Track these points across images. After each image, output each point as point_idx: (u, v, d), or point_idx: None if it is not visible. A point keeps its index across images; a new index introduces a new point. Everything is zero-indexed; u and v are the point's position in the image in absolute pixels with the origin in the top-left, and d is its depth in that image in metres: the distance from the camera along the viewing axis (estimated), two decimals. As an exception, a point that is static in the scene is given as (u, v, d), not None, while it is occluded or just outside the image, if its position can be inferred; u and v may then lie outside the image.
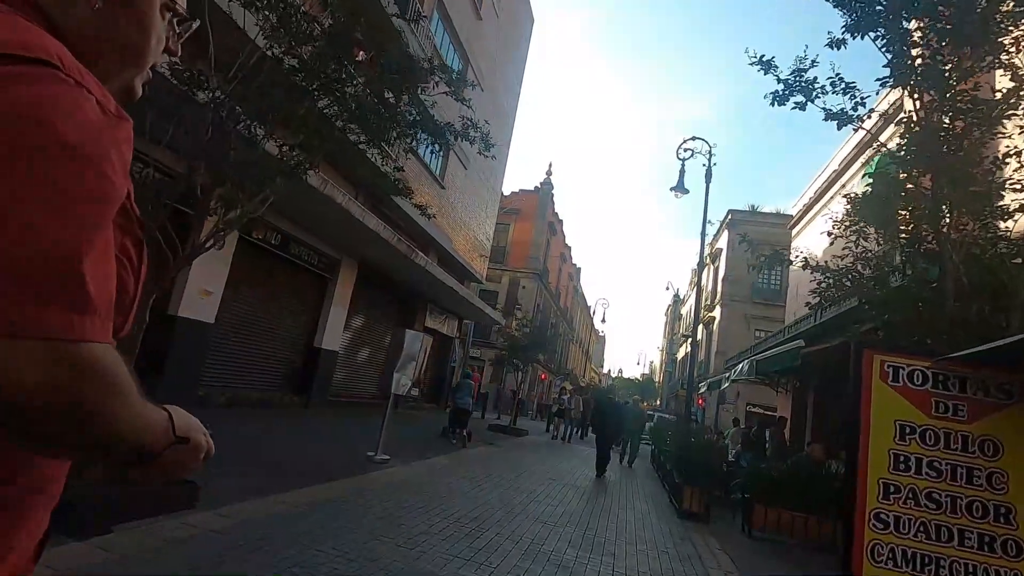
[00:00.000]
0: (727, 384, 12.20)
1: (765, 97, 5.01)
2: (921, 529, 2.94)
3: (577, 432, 19.82)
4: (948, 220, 4.20)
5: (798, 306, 17.46)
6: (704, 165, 15.09)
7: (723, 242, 33.29)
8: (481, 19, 18.04)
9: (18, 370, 0.47)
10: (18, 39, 0.53)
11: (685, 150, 15.30)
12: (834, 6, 4.62)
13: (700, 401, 31.97)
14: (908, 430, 3.07)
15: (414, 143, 5.72)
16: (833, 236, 6.75)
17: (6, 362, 0.47)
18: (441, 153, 16.28)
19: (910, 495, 3.00)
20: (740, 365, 10.29)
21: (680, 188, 15.31)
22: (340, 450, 7.74)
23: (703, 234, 15.10)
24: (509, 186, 35.06)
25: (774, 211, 32.68)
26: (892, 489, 3.03)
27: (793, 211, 19.12)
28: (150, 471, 0.64)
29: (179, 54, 0.79)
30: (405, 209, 13.61)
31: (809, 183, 18.12)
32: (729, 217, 32.33)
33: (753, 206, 32.96)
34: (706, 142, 15.23)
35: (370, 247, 12.07)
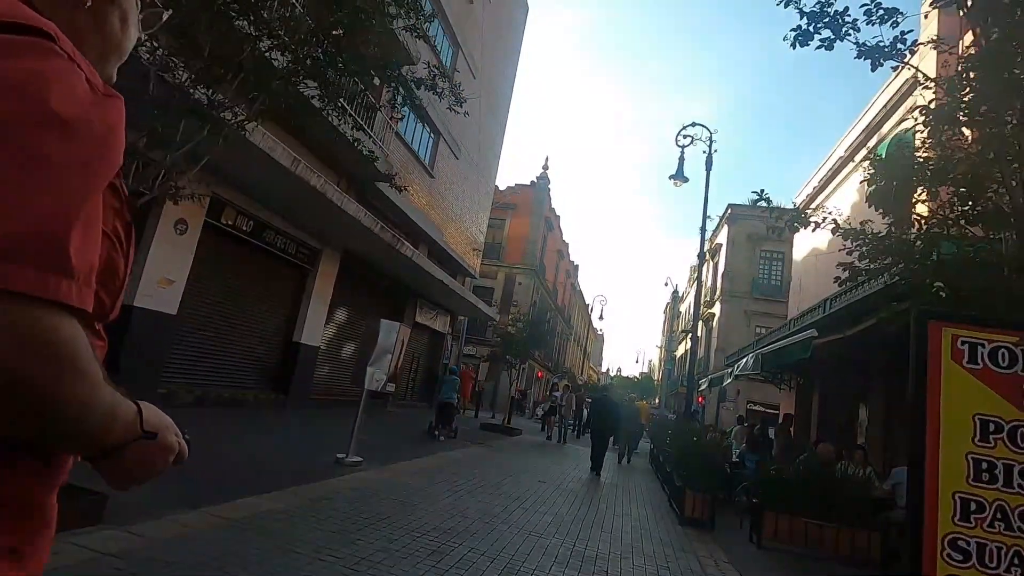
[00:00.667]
0: (729, 380, 11.56)
1: (785, 38, 4.30)
2: (1015, 562, 2.24)
3: (572, 431, 19.15)
4: (1018, 166, 3.53)
5: (802, 299, 16.82)
6: (704, 152, 14.48)
7: (723, 237, 32.67)
8: (471, 2, 17.36)
9: None
10: (18, 11, 0.55)
11: (684, 136, 14.64)
12: None
13: (700, 399, 31.32)
14: (992, 427, 2.36)
15: (370, 95, 5.02)
16: (871, 185, 5.98)
17: None
18: (431, 139, 15.61)
19: (998, 515, 2.29)
20: (744, 359, 9.64)
21: (679, 176, 14.67)
22: (310, 452, 7.06)
23: (703, 226, 14.45)
24: (505, 181, 34.36)
25: (775, 205, 32.01)
26: (973, 507, 2.31)
27: (797, 200, 18.46)
28: (114, 467, 0.62)
29: (143, 39, 0.89)
30: (392, 199, 12.94)
31: (812, 173, 17.49)
32: (729, 212, 31.68)
33: (754, 201, 32.22)
34: (706, 128, 14.60)
35: (352, 236, 11.38)
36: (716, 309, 31.33)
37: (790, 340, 6.73)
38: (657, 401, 51.74)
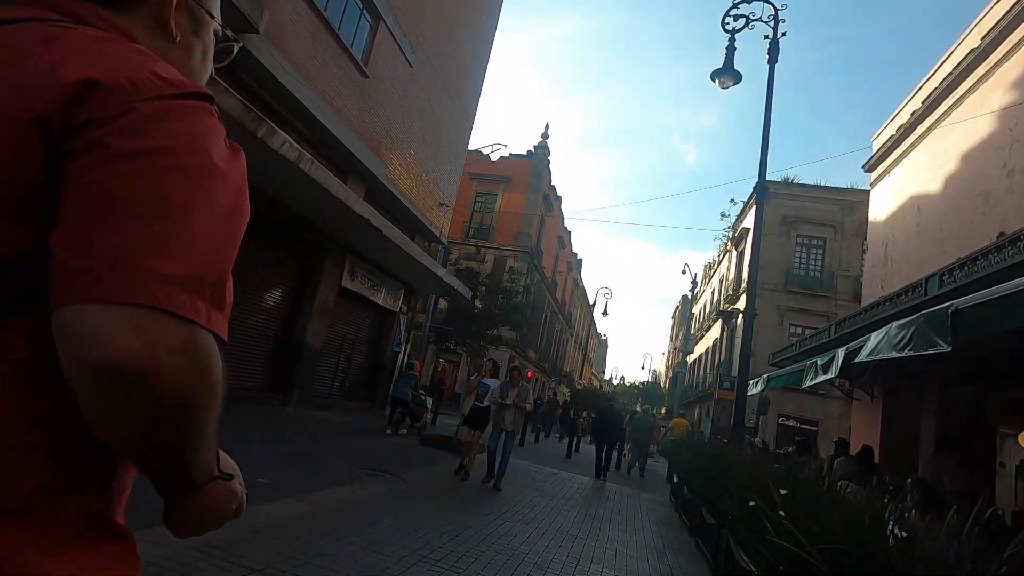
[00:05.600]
0: (827, 376, 6.72)
1: None
2: None
3: (558, 441, 14.28)
4: None
5: (890, 272, 11.88)
6: (766, 37, 9.72)
7: (750, 221, 27.74)
8: None
9: (158, 345, 0.49)
10: (187, 81, 0.61)
11: (736, 17, 9.91)
12: None
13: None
14: None
15: None
16: None
17: (155, 334, 0.49)
18: (364, 20, 10.83)
19: None
20: (886, 331, 4.80)
21: (729, 72, 9.86)
22: None
23: (764, 145, 9.65)
24: (497, 154, 29.51)
25: (814, 183, 27.18)
26: None
27: (875, 144, 13.58)
28: (190, 508, 0.62)
29: (213, 73, 0.83)
30: (276, 74, 8.23)
31: (897, 109, 12.61)
32: (759, 190, 26.76)
33: (788, 178, 27.39)
34: (771, 3, 9.83)
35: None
36: (742, 304, 26.39)
37: None
38: (663, 411, 46.73)
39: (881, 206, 12.87)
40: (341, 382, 13.07)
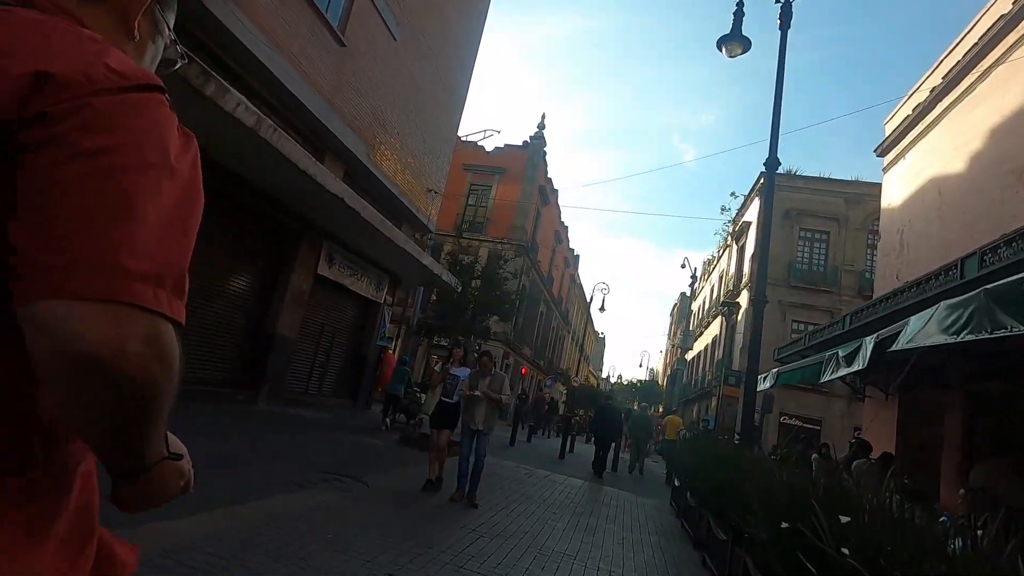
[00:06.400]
0: (847, 370, 5.94)
1: None
2: None
3: (556, 439, 13.53)
4: None
5: (908, 261, 11.10)
6: (777, 1, 8.95)
7: (752, 213, 26.98)
8: None
9: (126, 336, 0.51)
10: (141, 71, 0.62)
11: (745, -21, 9.11)
12: None
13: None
14: None
15: None
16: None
17: (124, 325, 0.51)
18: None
19: None
20: (932, 314, 4.00)
21: (737, 39, 9.07)
22: None
23: (776, 116, 8.87)
24: (491, 143, 28.68)
25: (818, 176, 26.38)
26: None
27: (888, 127, 12.78)
28: (141, 488, 0.63)
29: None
30: (236, 32, 7.41)
31: (915, 85, 11.82)
32: (761, 182, 25.97)
33: (792, 170, 26.58)
34: (782, -36, 9.01)
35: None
36: (743, 299, 25.64)
37: None
38: (660, 409, 45.99)
39: (895, 191, 12.07)
40: (319, 377, 12.23)
